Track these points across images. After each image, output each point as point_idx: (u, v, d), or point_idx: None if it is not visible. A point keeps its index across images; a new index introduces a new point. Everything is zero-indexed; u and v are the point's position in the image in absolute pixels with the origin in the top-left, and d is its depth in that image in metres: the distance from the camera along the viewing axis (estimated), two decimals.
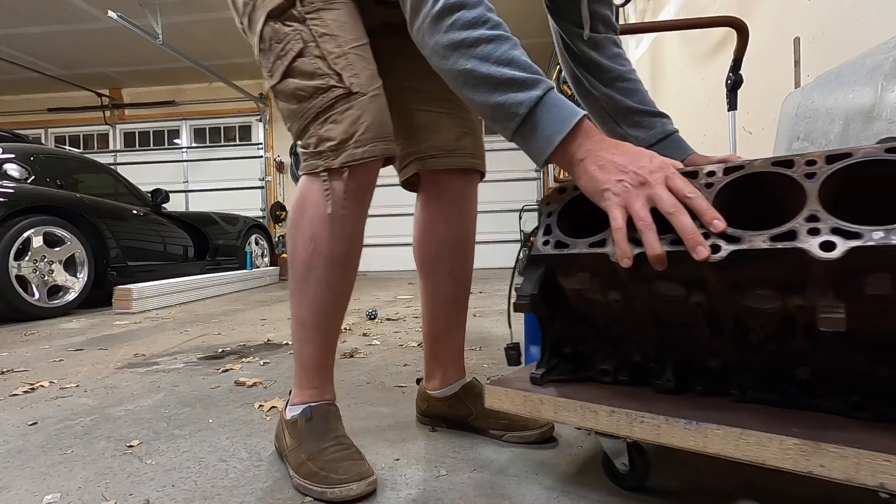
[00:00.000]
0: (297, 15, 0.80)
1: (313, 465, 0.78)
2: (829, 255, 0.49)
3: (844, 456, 0.49)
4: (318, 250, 0.83)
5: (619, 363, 0.73)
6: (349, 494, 0.74)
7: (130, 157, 8.86)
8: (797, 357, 0.60)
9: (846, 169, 0.54)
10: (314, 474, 0.77)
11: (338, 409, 0.90)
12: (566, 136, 0.64)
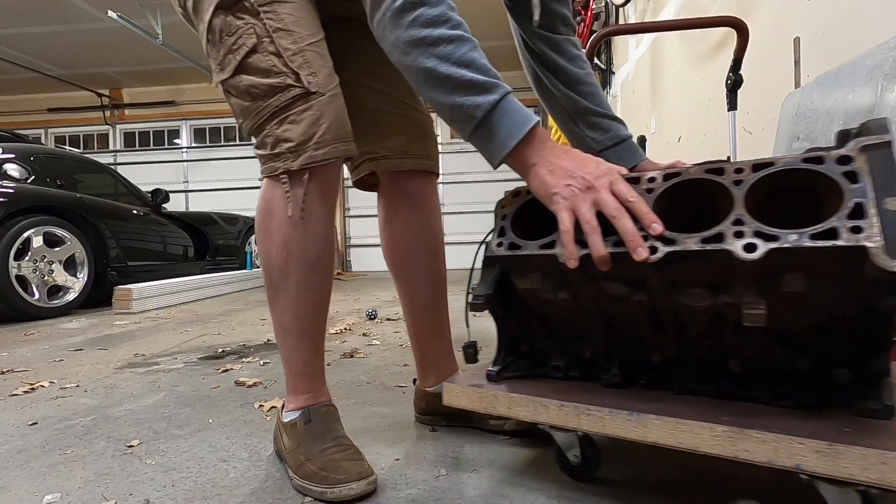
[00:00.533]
0: (249, 7, 0.77)
1: (313, 465, 0.78)
2: (751, 255, 0.54)
3: (765, 441, 0.54)
4: (293, 255, 0.82)
5: (570, 360, 0.78)
6: (349, 494, 0.74)
7: (130, 157, 8.86)
8: (729, 351, 0.65)
9: (771, 176, 0.58)
10: (314, 474, 0.77)
11: (336, 410, 0.90)
12: (520, 142, 0.67)
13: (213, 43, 0.82)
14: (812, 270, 0.54)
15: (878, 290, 0.52)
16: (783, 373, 0.63)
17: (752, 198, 0.58)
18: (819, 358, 0.61)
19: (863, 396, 0.58)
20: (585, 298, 0.69)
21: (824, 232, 0.52)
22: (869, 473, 0.49)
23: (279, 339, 0.88)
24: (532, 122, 0.68)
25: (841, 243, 0.51)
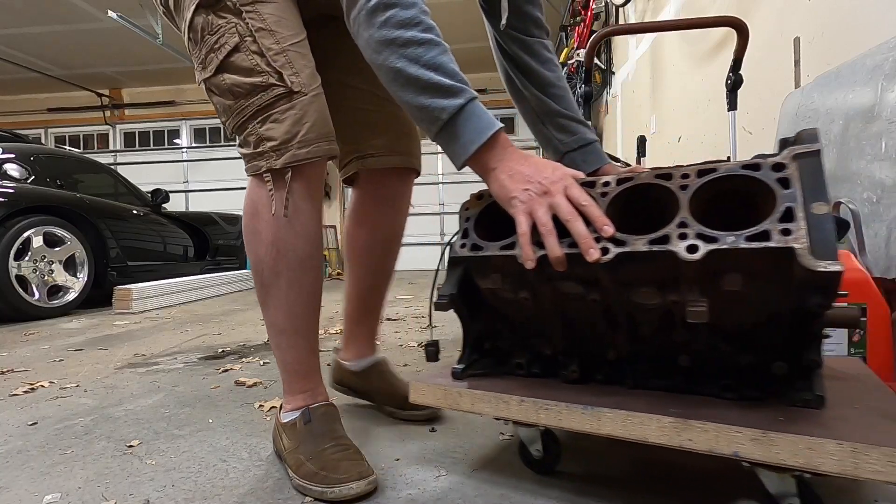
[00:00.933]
0: (231, 7, 0.78)
1: (313, 465, 0.78)
2: (693, 256, 0.57)
3: (706, 431, 0.57)
4: (282, 253, 0.82)
5: (531, 357, 0.81)
6: (349, 494, 0.74)
7: (130, 157, 8.86)
8: (679, 347, 0.69)
9: (715, 181, 0.62)
10: (314, 474, 0.77)
11: (336, 410, 0.90)
12: (482, 146, 0.69)
13: (194, 41, 0.82)
14: (748, 270, 0.58)
15: (805, 289, 0.56)
16: (727, 367, 0.67)
17: (697, 202, 0.62)
18: (759, 352, 0.65)
19: (797, 388, 0.62)
20: (544, 298, 0.72)
21: (758, 234, 0.56)
22: (798, 458, 0.53)
23: (273, 339, 0.88)
24: (494, 128, 0.70)
25: (772, 245, 0.55)
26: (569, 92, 1.01)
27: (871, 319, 1.04)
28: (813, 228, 0.55)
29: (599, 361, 0.75)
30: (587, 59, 1.79)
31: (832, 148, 1.52)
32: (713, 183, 0.62)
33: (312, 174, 0.82)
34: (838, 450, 0.51)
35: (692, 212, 0.61)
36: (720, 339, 0.66)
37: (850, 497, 0.72)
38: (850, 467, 0.51)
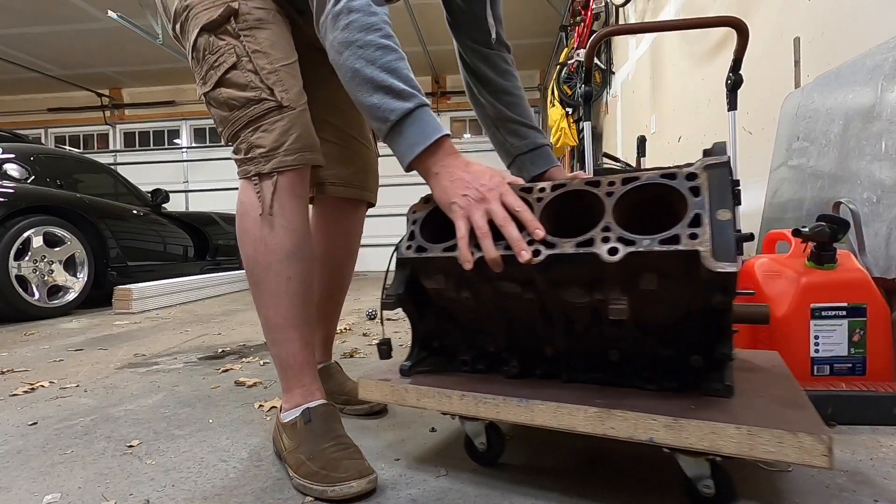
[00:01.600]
0: (231, 31, 0.86)
1: (313, 464, 0.79)
2: (614, 258, 0.62)
3: (626, 419, 0.63)
4: (269, 248, 0.88)
5: (476, 354, 0.85)
6: (349, 492, 0.74)
7: (130, 157, 8.86)
8: (608, 343, 0.74)
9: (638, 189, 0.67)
10: (314, 474, 0.78)
11: (336, 409, 0.91)
12: (425, 150, 0.74)
13: (196, 59, 0.90)
14: (662, 270, 0.63)
15: (709, 287, 0.62)
16: (650, 361, 0.73)
17: (622, 208, 0.67)
18: (677, 347, 0.71)
19: (711, 379, 0.68)
20: (485, 297, 0.76)
21: (669, 238, 0.62)
22: (704, 442, 0.59)
23: (268, 337, 0.92)
24: (439, 134, 0.74)
25: (681, 248, 0.60)
26: (524, 100, 1.08)
27: (872, 319, 1.04)
28: (716, 233, 0.61)
29: (538, 357, 0.80)
30: (587, 59, 1.79)
31: (832, 148, 1.52)
32: (636, 190, 0.68)
33: (297, 179, 0.89)
34: (736, 433, 0.57)
35: (617, 217, 0.66)
36: (643, 334, 0.71)
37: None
38: (747, 448, 0.57)
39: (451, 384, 0.78)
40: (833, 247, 1.07)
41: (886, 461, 0.82)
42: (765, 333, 1.11)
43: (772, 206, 1.80)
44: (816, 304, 1.05)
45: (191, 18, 0.88)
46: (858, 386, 0.98)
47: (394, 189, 5.08)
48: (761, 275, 1.14)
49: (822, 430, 0.55)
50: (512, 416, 0.70)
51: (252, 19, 0.87)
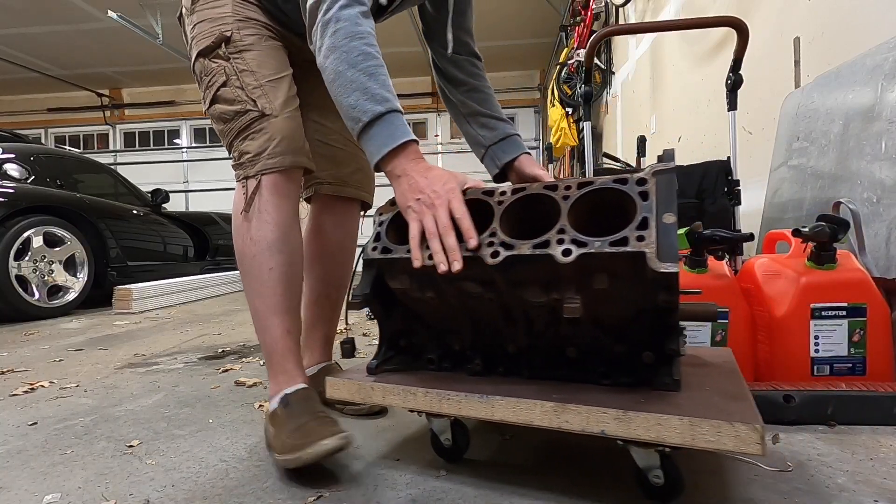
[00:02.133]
0: (222, 55, 0.98)
1: (291, 439, 0.82)
2: (567, 259, 0.66)
3: (580, 413, 0.66)
4: (254, 240, 0.96)
5: (442, 353, 0.88)
6: (321, 450, 0.78)
7: (130, 157, 8.86)
8: (566, 341, 0.77)
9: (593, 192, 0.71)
10: (292, 447, 0.81)
11: (314, 391, 0.95)
12: (389, 152, 0.79)
13: (197, 81, 1.03)
14: (612, 271, 0.66)
15: (654, 286, 0.65)
16: (606, 357, 0.76)
17: (577, 211, 0.70)
18: (630, 344, 0.74)
19: (661, 374, 0.71)
20: (448, 297, 0.79)
21: (619, 240, 0.65)
22: (650, 433, 0.62)
23: (255, 326, 0.99)
24: (405, 138, 0.79)
25: (629, 249, 0.64)
26: (493, 97, 1.15)
27: (872, 319, 1.04)
28: (661, 235, 0.64)
29: (500, 355, 0.83)
30: (587, 59, 1.79)
31: (832, 148, 1.52)
32: (591, 194, 0.71)
33: (280, 179, 0.97)
34: (679, 424, 0.61)
35: (573, 219, 0.70)
36: (598, 332, 0.74)
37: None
38: (689, 438, 0.60)
39: (416, 382, 0.80)
40: (833, 247, 1.08)
41: (886, 461, 0.82)
42: (764, 333, 1.11)
43: (772, 206, 1.80)
44: (816, 304, 1.05)
45: (193, 47, 1.02)
46: (858, 386, 0.98)
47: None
48: (761, 275, 1.14)
49: (756, 420, 0.58)
50: (473, 411, 0.73)
51: (242, 44, 0.99)
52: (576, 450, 0.89)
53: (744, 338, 1.11)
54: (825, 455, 0.84)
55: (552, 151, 5.59)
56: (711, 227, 1.16)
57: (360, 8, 0.84)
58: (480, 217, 0.75)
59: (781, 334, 1.07)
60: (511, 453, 0.89)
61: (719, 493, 0.73)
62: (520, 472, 0.82)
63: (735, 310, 1.11)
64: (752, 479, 0.77)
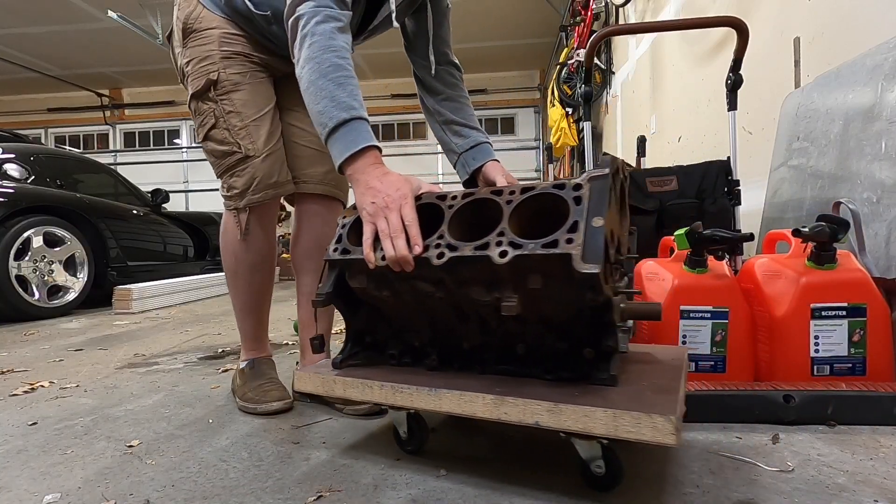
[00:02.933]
0: (211, 97, 1.13)
1: (250, 393, 1.16)
2: (503, 260, 0.70)
3: (517, 405, 0.70)
4: (240, 260, 1.21)
5: (403, 349, 0.92)
6: (270, 409, 1.12)
7: (130, 157, 8.86)
8: (514, 338, 0.82)
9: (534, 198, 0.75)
10: (251, 399, 1.15)
11: (273, 362, 1.30)
12: (350, 156, 0.85)
13: (192, 116, 1.19)
14: (545, 272, 0.70)
15: (581, 287, 0.69)
16: (550, 353, 0.79)
17: (519, 214, 0.75)
18: (572, 341, 0.78)
19: (599, 369, 0.75)
20: (403, 295, 0.84)
21: (550, 242, 0.69)
22: (578, 424, 0.66)
23: (236, 314, 1.31)
24: (365, 144, 0.86)
25: (558, 251, 0.67)
26: (468, 106, 1.23)
27: (872, 319, 1.04)
28: (589, 238, 0.68)
29: (456, 351, 0.87)
30: (587, 59, 1.79)
31: (832, 148, 1.52)
32: (532, 199, 0.75)
33: (263, 211, 1.19)
34: (604, 416, 0.65)
35: (516, 223, 0.74)
36: (542, 330, 0.78)
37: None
38: (612, 429, 0.64)
39: (374, 376, 0.85)
40: (833, 247, 1.08)
41: (886, 461, 0.82)
42: (764, 333, 1.11)
43: (772, 206, 1.80)
44: (816, 304, 1.05)
45: (188, 86, 1.16)
46: (858, 386, 0.98)
47: None
48: (761, 275, 1.14)
49: (672, 412, 0.61)
50: (423, 403, 0.78)
51: (229, 84, 1.12)
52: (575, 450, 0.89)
53: (744, 338, 1.11)
54: (825, 455, 0.84)
55: (552, 151, 5.59)
56: (711, 227, 1.16)
57: (336, 24, 0.90)
58: (437, 219, 0.79)
59: (781, 334, 1.07)
60: (511, 453, 0.89)
61: (717, 492, 0.73)
62: (520, 471, 0.82)
63: (735, 310, 1.11)
64: (752, 479, 0.77)
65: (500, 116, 8.66)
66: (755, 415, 0.98)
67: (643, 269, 1.23)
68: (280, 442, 0.99)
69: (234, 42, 1.13)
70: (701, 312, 1.11)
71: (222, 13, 1.14)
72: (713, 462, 0.83)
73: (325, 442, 0.98)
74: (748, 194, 1.87)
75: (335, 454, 0.92)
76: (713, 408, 0.99)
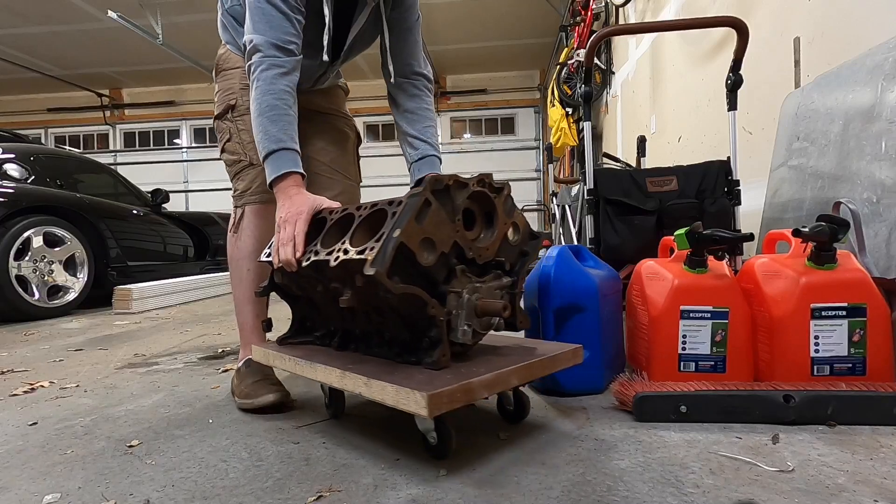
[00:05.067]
0: (229, 118, 1.36)
1: (247, 390, 1.20)
2: (334, 263, 0.88)
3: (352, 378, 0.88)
4: (238, 248, 1.35)
5: (325, 332, 1.15)
6: (264, 402, 1.15)
7: (130, 157, 8.86)
8: (381, 327, 0.99)
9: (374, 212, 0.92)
10: (246, 395, 1.19)
11: None
12: (275, 178, 1.08)
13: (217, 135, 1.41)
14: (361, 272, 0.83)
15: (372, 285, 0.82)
16: (400, 340, 0.97)
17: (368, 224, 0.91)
18: (414, 331, 0.93)
19: (429, 355, 0.90)
20: (308, 290, 1.06)
21: (362, 249, 0.84)
22: (378, 396, 0.83)
23: (235, 307, 1.41)
24: (286, 170, 1.07)
25: (362, 257, 0.83)
26: (425, 119, 1.34)
27: (872, 319, 1.04)
28: (384, 245, 0.82)
29: (352, 335, 1.07)
30: (587, 59, 1.79)
31: (832, 148, 1.52)
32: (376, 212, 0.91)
33: (258, 209, 1.33)
34: (392, 390, 0.80)
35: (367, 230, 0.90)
36: (396, 321, 0.94)
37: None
38: (397, 401, 0.79)
39: (293, 352, 1.06)
40: (833, 247, 1.08)
41: (886, 461, 0.82)
42: (764, 333, 1.11)
43: (772, 206, 1.80)
44: (816, 304, 1.05)
45: (215, 108, 1.39)
46: (858, 386, 0.98)
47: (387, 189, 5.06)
48: (761, 275, 1.14)
49: (427, 391, 0.76)
50: (307, 373, 0.98)
51: (243, 108, 1.31)
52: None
53: (744, 338, 1.11)
54: (825, 455, 0.84)
55: (552, 151, 5.59)
56: (711, 227, 1.16)
57: (278, 70, 1.10)
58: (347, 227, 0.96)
59: (781, 334, 1.07)
60: (511, 452, 0.89)
61: (717, 492, 0.73)
62: (520, 471, 0.82)
63: (735, 310, 1.11)
64: (753, 479, 0.77)
65: (500, 116, 8.66)
66: (755, 415, 0.98)
67: (643, 269, 1.23)
68: (280, 442, 0.99)
69: None
70: (701, 312, 1.11)
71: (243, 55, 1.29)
72: (713, 462, 0.83)
73: (325, 442, 0.98)
74: (748, 194, 1.87)
75: (335, 454, 0.92)
76: (713, 408, 0.99)
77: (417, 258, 0.84)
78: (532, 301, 1.22)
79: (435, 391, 0.76)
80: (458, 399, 0.79)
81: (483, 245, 0.95)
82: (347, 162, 1.53)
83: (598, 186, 1.80)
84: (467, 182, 0.92)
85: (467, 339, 0.90)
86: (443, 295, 0.89)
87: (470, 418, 1.06)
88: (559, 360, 0.98)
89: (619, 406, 1.08)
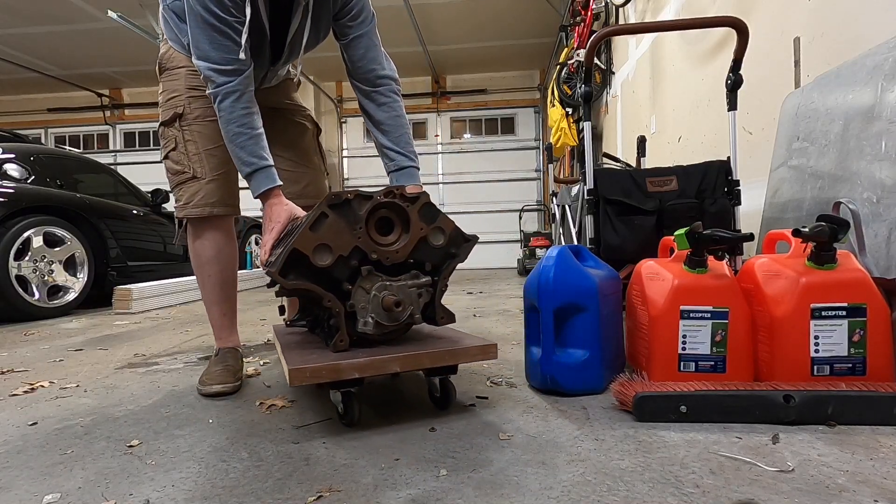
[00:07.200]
0: (176, 126, 1.39)
1: (205, 377, 1.34)
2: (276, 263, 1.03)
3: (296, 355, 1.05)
4: (197, 255, 1.46)
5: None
6: (211, 391, 1.30)
7: (130, 157, 8.86)
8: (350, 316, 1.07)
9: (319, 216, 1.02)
10: (202, 381, 1.33)
11: (237, 351, 1.50)
12: (260, 194, 1.24)
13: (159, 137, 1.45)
14: None
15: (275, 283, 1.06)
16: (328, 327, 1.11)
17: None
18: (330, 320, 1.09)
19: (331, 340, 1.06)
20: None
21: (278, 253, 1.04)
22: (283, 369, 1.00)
23: (205, 306, 1.52)
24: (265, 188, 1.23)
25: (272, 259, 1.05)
26: (398, 128, 1.39)
27: (872, 319, 1.04)
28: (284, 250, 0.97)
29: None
30: (587, 59, 1.79)
31: (832, 148, 1.52)
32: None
33: (202, 222, 1.43)
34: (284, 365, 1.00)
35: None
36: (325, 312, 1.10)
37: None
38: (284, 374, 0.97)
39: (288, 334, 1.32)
40: (833, 247, 1.08)
41: (886, 461, 0.82)
42: (764, 333, 1.11)
43: (772, 206, 1.80)
44: (816, 304, 1.05)
45: (160, 114, 1.41)
46: (858, 386, 0.98)
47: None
48: (761, 275, 1.14)
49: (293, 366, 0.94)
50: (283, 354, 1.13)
51: (192, 117, 1.38)
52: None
53: (744, 338, 1.11)
54: (825, 455, 0.84)
55: (552, 151, 5.59)
56: (711, 227, 1.16)
57: (234, 96, 1.20)
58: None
59: (781, 334, 1.07)
60: (511, 452, 0.89)
61: (717, 492, 0.73)
62: (520, 471, 0.82)
63: (735, 310, 1.11)
64: (753, 479, 0.77)
65: (500, 116, 8.66)
66: (755, 415, 0.98)
67: (643, 269, 1.23)
68: (280, 442, 0.99)
69: (197, 77, 1.33)
70: (701, 312, 1.11)
71: (187, 53, 1.34)
72: (713, 462, 0.83)
73: (325, 442, 0.98)
74: (748, 194, 1.87)
75: (335, 454, 0.92)
76: (713, 408, 0.99)
77: (312, 260, 0.99)
78: (532, 301, 1.22)
79: (295, 367, 0.93)
80: (324, 375, 0.95)
81: (392, 248, 1.06)
82: (310, 153, 1.64)
83: (598, 186, 1.80)
84: (371, 195, 1.04)
85: (368, 329, 1.03)
86: (347, 292, 1.03)
87: (470, 419, 1.06)
88: (458, 353, 1.06)
89: (619, 406, 1.08)
